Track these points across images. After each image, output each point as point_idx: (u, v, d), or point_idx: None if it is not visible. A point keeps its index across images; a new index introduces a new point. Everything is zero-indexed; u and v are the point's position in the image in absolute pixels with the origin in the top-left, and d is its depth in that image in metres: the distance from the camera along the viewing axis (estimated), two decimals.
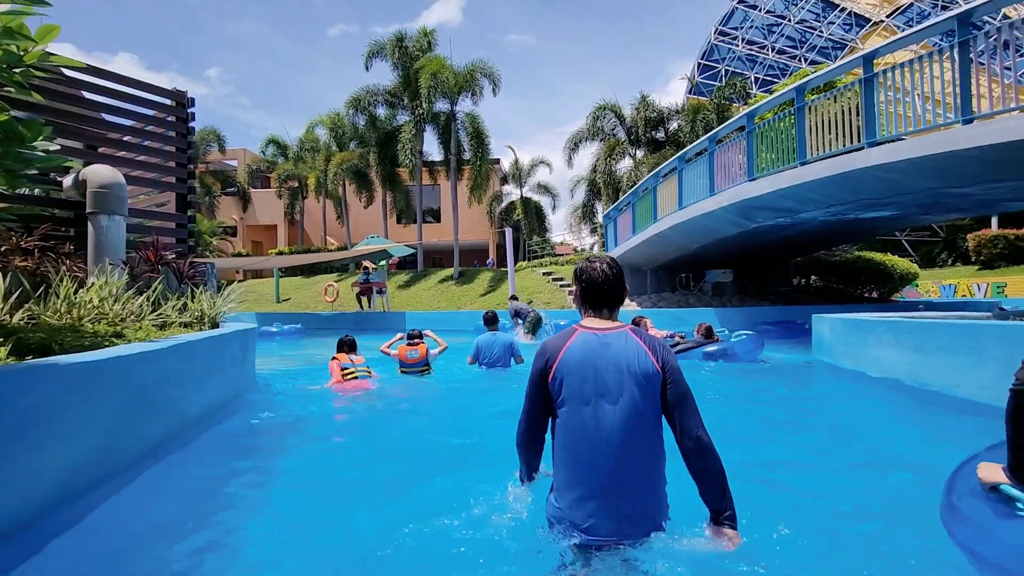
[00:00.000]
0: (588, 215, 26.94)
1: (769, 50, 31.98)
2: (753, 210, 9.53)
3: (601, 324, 1.73)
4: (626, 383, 1.60)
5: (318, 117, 24.19)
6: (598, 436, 1.58)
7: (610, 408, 1.59)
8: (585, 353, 1.65)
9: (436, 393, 5.69)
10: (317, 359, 8.53)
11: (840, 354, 5.29)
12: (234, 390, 4.63)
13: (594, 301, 1.78)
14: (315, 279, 23.82)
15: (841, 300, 15.00)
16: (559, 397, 1.65)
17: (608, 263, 1.81)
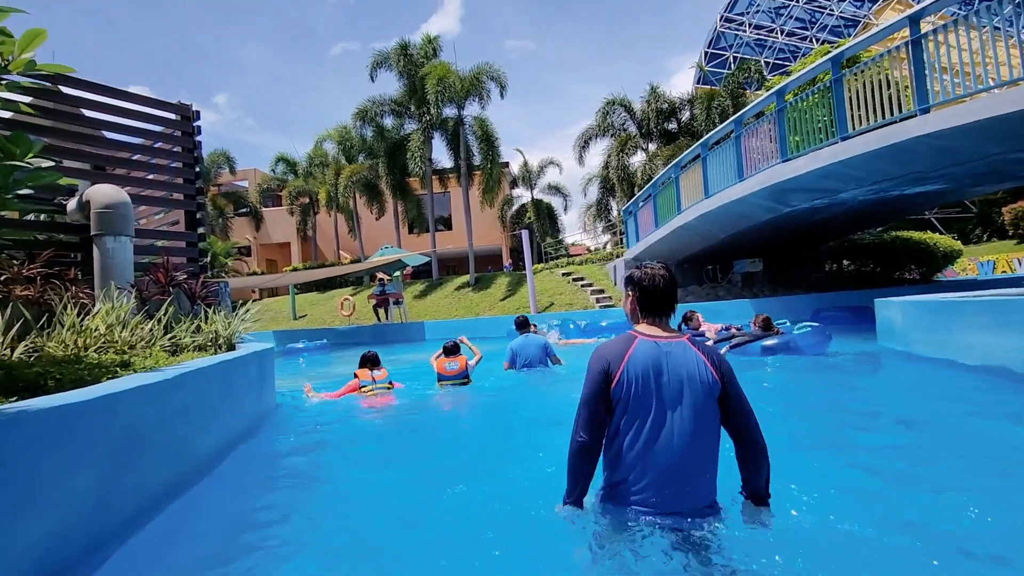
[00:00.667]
0: (602, 212, 26.42)
1: (778, 33, 31.25)
2: (788, 193, 8.98)
3: (660, 332, 1.79)
4: (688, 391, 1.68)
5: (326, 132, 24.10)
6: (667, 440, 1.67)
7: (674, 414, 1.68)
8: (648, 360, 1.71)
9: (468, 403, 5.40)
10: (343, 376, 8.20)
11: (917, 341, 4.73)
12: (253, 416, 4.26)
13: (652, 308, 1.83)
14: (330, 294, 23.64)
15: (879, 284, 14.29)
16: (621, 403, 1.70)
17: (665, 268, 1.87)
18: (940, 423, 3.24)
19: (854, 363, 5.44)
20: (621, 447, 1.71)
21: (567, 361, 6.53)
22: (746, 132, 9.59)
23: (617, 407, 1.71)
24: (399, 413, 5.19)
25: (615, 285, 15.61)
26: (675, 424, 1.66)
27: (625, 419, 1.70)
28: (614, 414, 1.72)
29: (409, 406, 5.38)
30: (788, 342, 6.21)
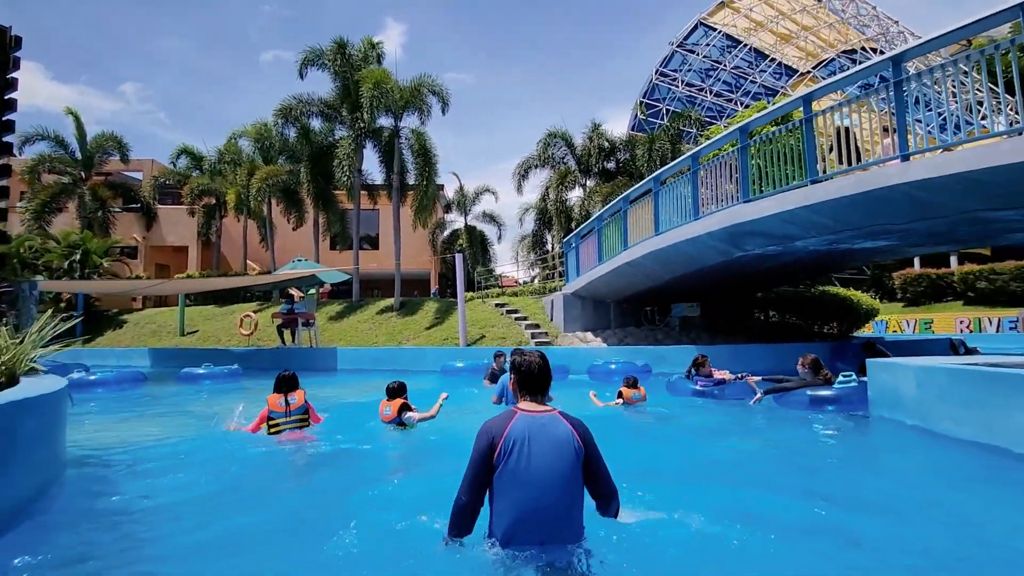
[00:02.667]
0: (537, 244, 25.86)
1: (707, 92, 33.25)
2: (746, 236, 8.52)
3: (536, 408, 2.21)
4: (556, 455, 2.07)
5: (242, 128, 21.67)
6: (538, 492, 2.03)
7: (544, 473, 2.04)
8: (524, 431, 2.09)
9: (406, 453, 4.50)
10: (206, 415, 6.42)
11: (944, 417, 3.89)
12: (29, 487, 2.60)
13: (530, 388, 2.27)
14: (231, 308, 20.79)
15: (802, 337, 14.52)
16: (502, 466, 2.05)
17: (540, 355, 2.33)
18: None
19: (867, 435, 4.65)
20: (502, 499, 2.07)
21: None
22: (704, 168, 9.15)
23: (498, 469, 2.06)
24: (291, 467, 4.09)
25: (551, 320, 14.71)
26: (545, 481, 2.04)
27: (505, 478, 2.05)
28: (496, 475, 2.07)
29: (325, 456, 4.34)
30: (841, 395, 5.49)
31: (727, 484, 3.34)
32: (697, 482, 3.41)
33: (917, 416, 4.16)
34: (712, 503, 2.83)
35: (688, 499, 2.90)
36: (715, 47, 33.66)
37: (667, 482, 3.38)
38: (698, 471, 3.77)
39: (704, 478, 3.52)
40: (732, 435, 5.23)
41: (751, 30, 32.87)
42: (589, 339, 12.97)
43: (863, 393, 5.63)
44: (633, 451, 4.29)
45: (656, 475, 3.52)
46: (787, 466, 3.92)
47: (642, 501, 2.63)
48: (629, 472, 2.84)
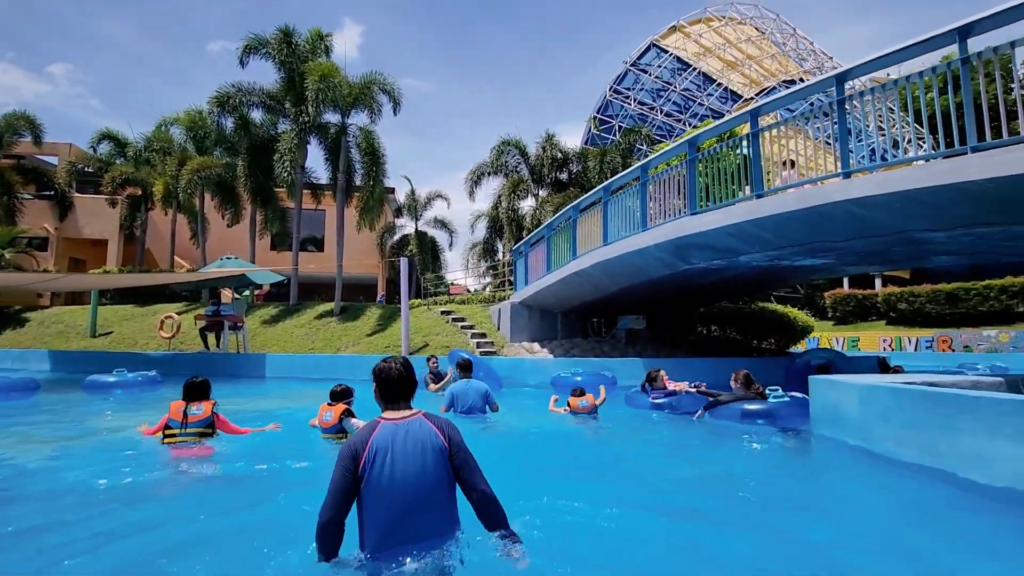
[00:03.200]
0: (488, 253, 25.52)
1: (658, 112, 34.25)
2: (692, 249, 8.49)
3: (399, 415, 2.23)
4: (422, 456, 2.12)
5: (174, 114, 20.13)
6: (404, 494, 2.06)
7: (411, 475, 2.08)
8: (388, 439, 2.12)
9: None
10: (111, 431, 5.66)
11: (887, 438, 3.76)
12: None
13: (391, 396, 2.29)
14: (153, 309, 19.12)
15: (742, 351, 14.86)
16: (367, 479, 2.05)
17: (402, 363, 2.36)
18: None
19: (807, 454, 4.54)
20: (371, 509, 2.07)
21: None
22: (653, 180, 9.09)
23: (363, 481, 2.06)
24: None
25: (497, 330, 14.33)
26: (411, 484, 2.07)
27: (372, 488, 2.06)
28: (362, 487, 2.06)
29: (227, 479, 3.75)
30: (772, 410, 5.57)
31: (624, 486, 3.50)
32: (598, 484, 3.57)
33: (859, 436, 4.05)
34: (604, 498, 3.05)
35: (588, 497, 3.10)
36: (666, 68, 34.78)
37: (569, 481, 3.59)
38: (608, 477, 3.91)
39: (606, 481, 3.67)
40: (670, 450, 5.05)
41: (700, 55, 34.20)
42: (535, 350, 12.68)
43: (795, 408, 5.68)
44: (544, 454, 4.40)
45: (559, 475, 3.78)
46: (718, 484, 3.71)
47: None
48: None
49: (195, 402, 4.53)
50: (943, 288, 21.98)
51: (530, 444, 5.42)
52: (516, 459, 4.41)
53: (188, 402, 4.51)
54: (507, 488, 2.30)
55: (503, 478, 2.39)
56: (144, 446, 4.57)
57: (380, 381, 2.30)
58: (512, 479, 2.67)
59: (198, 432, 4.44)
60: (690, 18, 34.40)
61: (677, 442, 5.53)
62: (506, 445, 5.12)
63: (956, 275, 24.35)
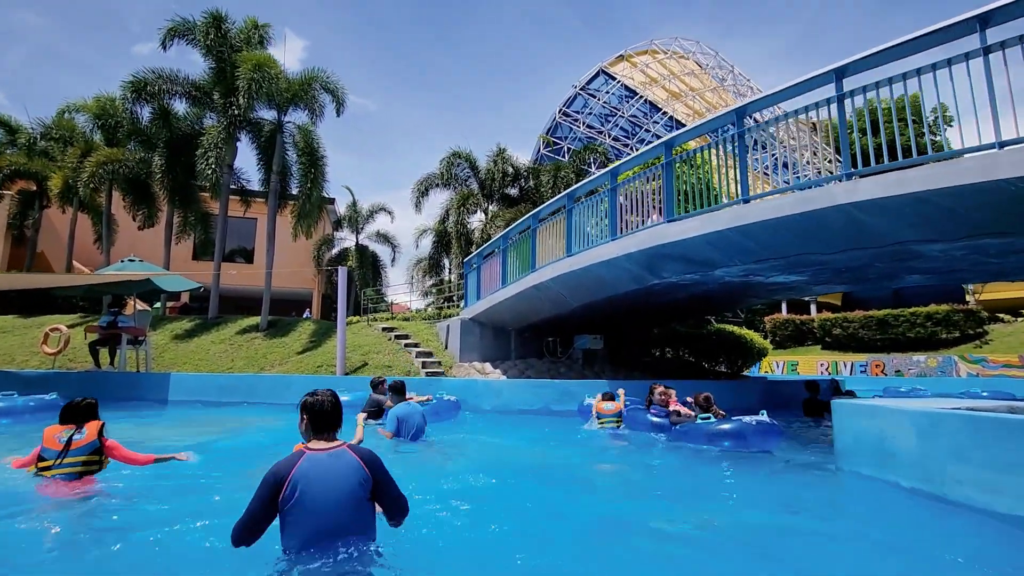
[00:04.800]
0: (434, 269, 24.29)
1: (606, 136, 34.73)
2: (665, 260, 7.83)
3: (324, 445, 2.31)
4: (344, 484, 2.20)
5: (80, 100, 17.71)
6: (325, 526, 2.16)
7: (331, 502, 2.17)
8: (311, 468, 2.19)
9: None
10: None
11: (970, 483, 3.03)
12: None
13: (320, 427, 2.37)
14: (41, 321, 16.38)
15: (695, 374, 14.49)
16: (291, 501, 2.13)
17: (331, 394, 2.46)
18: None
19: (859, 500, 3.74)
20: (291, 533, 2.15)
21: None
22: (623, 185, 8.43)
23: (284, 508, 2.13)
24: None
25: (445, 348, 13.14)
26: (331, 512, 2.16)
27: (292, 516, 2.13)
28: (282, 513, 2.15)
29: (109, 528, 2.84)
30: (739, 430, 5.61)
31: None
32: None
33: (919, 477, 3.30)
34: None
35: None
36: (614, 95, 35.51)
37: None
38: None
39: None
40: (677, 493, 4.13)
41: (647, 84, 35.19)
42: (488, 370, 11.60)
43: (765, 431, 5.63)
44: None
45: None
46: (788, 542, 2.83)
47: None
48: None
49: (79, 426, 3.75)
50: (874, 314, 23.02)
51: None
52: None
53: (70, 426, 3.74)
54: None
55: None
56: (9, 482, 3.54)
57: (312, 413, 2.38)
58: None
59: (81, 461, 3.65)
60: (637, 48, 35.45)
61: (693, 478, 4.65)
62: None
63: (883, 302, 25.71)
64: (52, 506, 3.15)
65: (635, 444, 6.48)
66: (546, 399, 9.48)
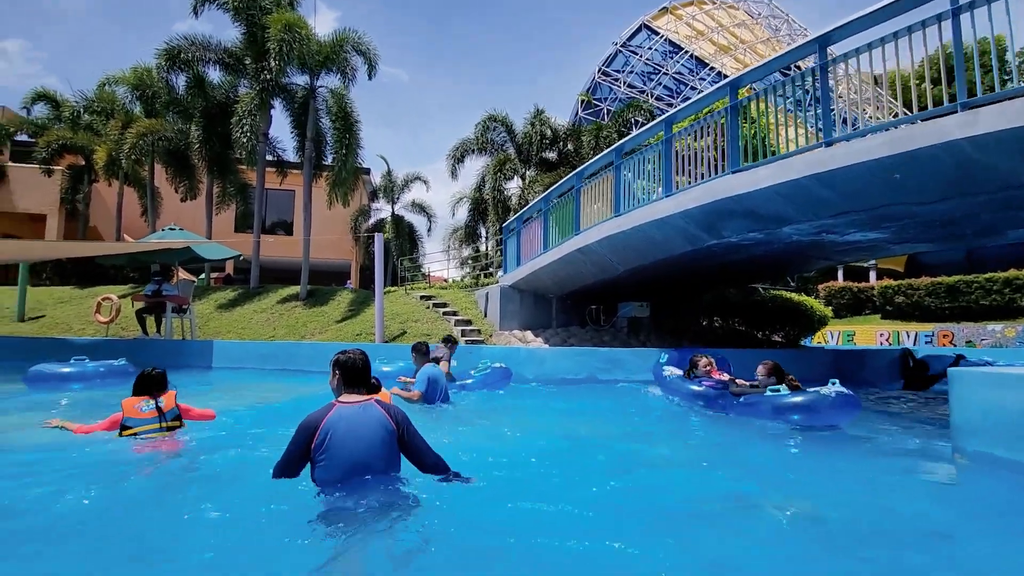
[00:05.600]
0: (470, 238, 23.89)
1: (648, 95, 32.95)
2: (727, 217, 7.08)
3: (354, 399, 2.58)
4: (370, 433, 2.47)
5: (119, 72, 17.84)
6: (353, 472, 2.43)
7: (358, 449, 2.43)
8: (341, 419, 2.47)
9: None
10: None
11: None
12: None
13: (351, 382, 2.63)
14: (95, 291, 16.96)
15: (748, 343, 13.66)
16: (322, 448, 2.41)
17: (362, 353, 2.72)
18: None
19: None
20: (322, 474, 2.43)
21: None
22: (680, 136, 7.63)
23: (316, 453, 2.41)
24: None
25: (484, 317, 12.78)
26: (358, 459, 2.42)
27: (323, 460, 2.40)
28: (314, 457, 2.42)
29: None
30: (812, 403, 4.91)
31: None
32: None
33: None
34: None
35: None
36: (657, 51, 33.49)
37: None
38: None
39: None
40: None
41: (692, 38, 33.01)
42: (528, 338, 11.18)
43: (842, 404, 5.01)
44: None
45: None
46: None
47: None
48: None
49: (156, 395, 4.06)
50: (943, 281, 21.25)
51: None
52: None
53: (147, 397, 4.03)
54: None
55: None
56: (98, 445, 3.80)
57: (344, 369, 2.64)
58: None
59: (167, 426, 4.02)
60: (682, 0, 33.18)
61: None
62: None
63: (953, 267, 23.75)
64: (154, 462, 3.66)
65: (704, 416, 5.93)
66: (592, 368, 8.98)
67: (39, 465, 3.43)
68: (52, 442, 3.94)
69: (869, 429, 5.35)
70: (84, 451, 3.71)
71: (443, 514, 2.45)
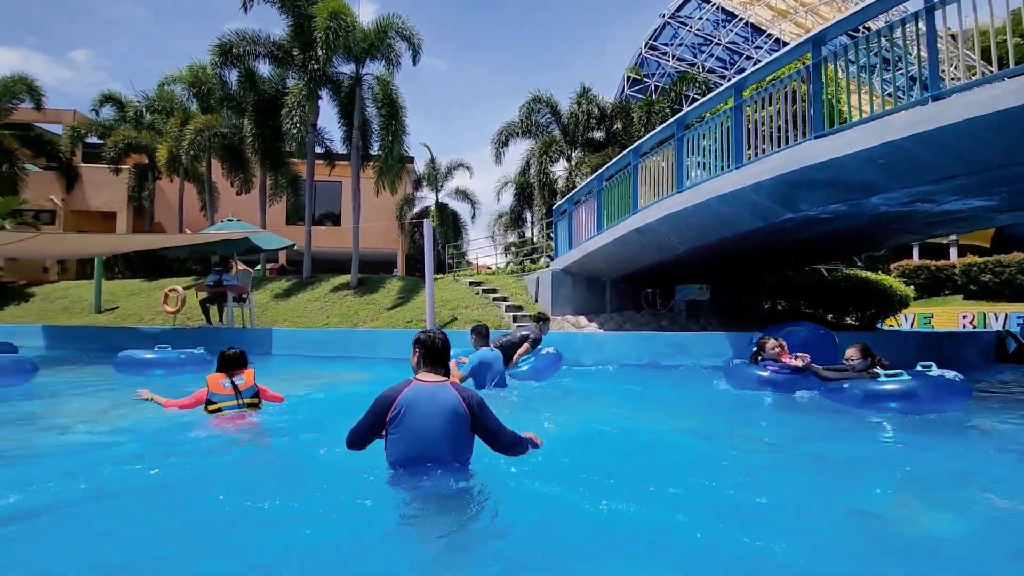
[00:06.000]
0: (515, 223, 23.59)
1: (699, 68, 31.37)
2: (807, 188, 6.45)
3: (431, 378, 2.63)
4: (442, 415, 2.50)
5: (176, 71, 18.47)
6: (423, 450, 2.51)
7: (430, 434, 2.49)
8: (416, 397, 2.53)
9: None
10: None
11: None
12: None
13: (430, 361, 2.69)
14: (162, 283, 17.82)
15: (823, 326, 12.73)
16: (395, 421, 2.50)
17: (442, 333, 2.81)
18: None
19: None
20: (394, 448, 2.54)
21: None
22: (751, 102, 7.00)
23: (391, 427, 2.51)
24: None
25: (535, 302, 12.48)
26: (429, 438, 2.49)
27: (396, 434, 2.50)
28: (388, 430, 2.53)
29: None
30: (916, 389, 4.49)
31: None
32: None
33: None
34: None
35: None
36: (708, 20, 31.77)
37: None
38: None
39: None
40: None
41: (747, 3, 31.07)
42: (583, 323, 10.81)
43: (944, 389, 4.57)
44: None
45: None
46: None
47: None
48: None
49: (234, 373, 4.34)
50: None
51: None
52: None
53: (229, 374, 4.32)
54: None
55: None
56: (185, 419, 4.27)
57: (424, 347, 2.70)
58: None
59: (246, 403, 4.31)
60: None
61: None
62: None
63: None
64: (228, 435, 3.96)
65: (786, 405, 5.44)
66: (654, 352, 8.53)
67: (128, 440, 3.88)
68: (139, 419, 4.42)
69: (983, 418, 4.73)
70: (169, 425, 4.11)
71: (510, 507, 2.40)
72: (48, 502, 2.63)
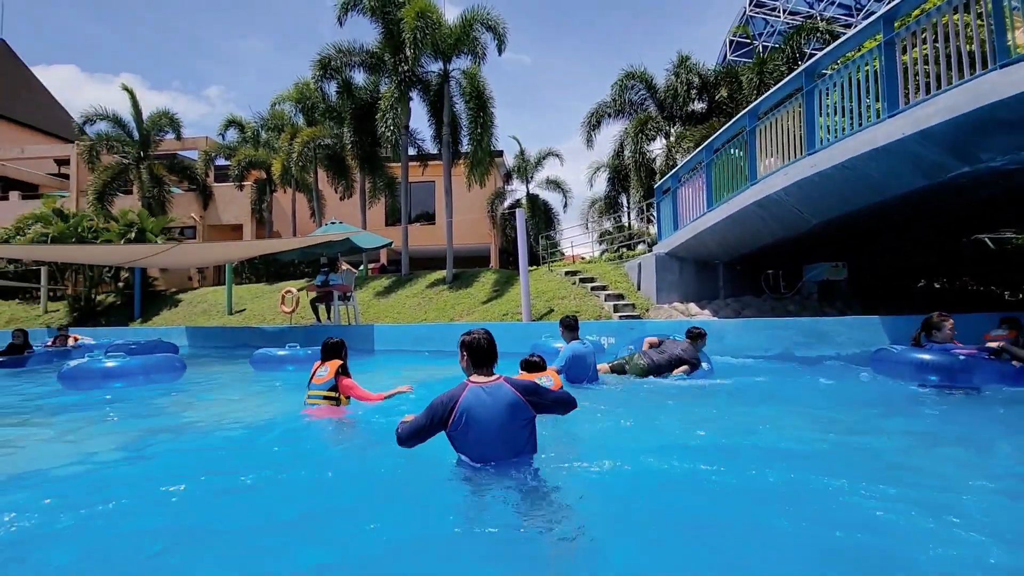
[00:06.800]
0: (611, 208, 22.51)
1: (817, 19, 27.75)
2: (994, 130, 5.06)
3: (484, 379, 2.67)
4: (500, 413, 2.56)
5: (284, 91, 19.85)
6: (489, 450, 2.58)
7: (491, 427, 2.55)
8: (474, 399, 2.58)
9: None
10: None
11: None
12: None
13: (479, 362, 2.72)
14: (281, 286, 19.36)
15: (991, 307, 10.53)
16: (459, 426, 2.56)
17: (486, 333, 2.81)
18: None
19: None
20: (461, 444, 2.62)
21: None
22: (908, 33, 5.66)
23: (453, 426, 2.56)
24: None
25: (637, 290, 11.60)
26: (493, 437, 2.55)
27: (460, 438, 2.59)
28: (452, 430, 2.58)
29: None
30: None
31: None
32: None
33: None
34: None
35: None
36: None
37: None
38: None
39: None
40: None
41: None
42: (692, 311, 9.78)
43: None
44: None
45: None
46: None
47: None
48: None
49: (324, 363, 4.35)
50: None
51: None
52: None
53: (323, 362, 4.35)
54: None
55: None
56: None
57: (471, 350, 2.73)
58: None
59: (321, 395, 4.19)
60: None
61: None
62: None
63: None
64: (300, 424, 4.10)
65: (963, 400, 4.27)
66: (786, 342, 7.37)
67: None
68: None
69: None
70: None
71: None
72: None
